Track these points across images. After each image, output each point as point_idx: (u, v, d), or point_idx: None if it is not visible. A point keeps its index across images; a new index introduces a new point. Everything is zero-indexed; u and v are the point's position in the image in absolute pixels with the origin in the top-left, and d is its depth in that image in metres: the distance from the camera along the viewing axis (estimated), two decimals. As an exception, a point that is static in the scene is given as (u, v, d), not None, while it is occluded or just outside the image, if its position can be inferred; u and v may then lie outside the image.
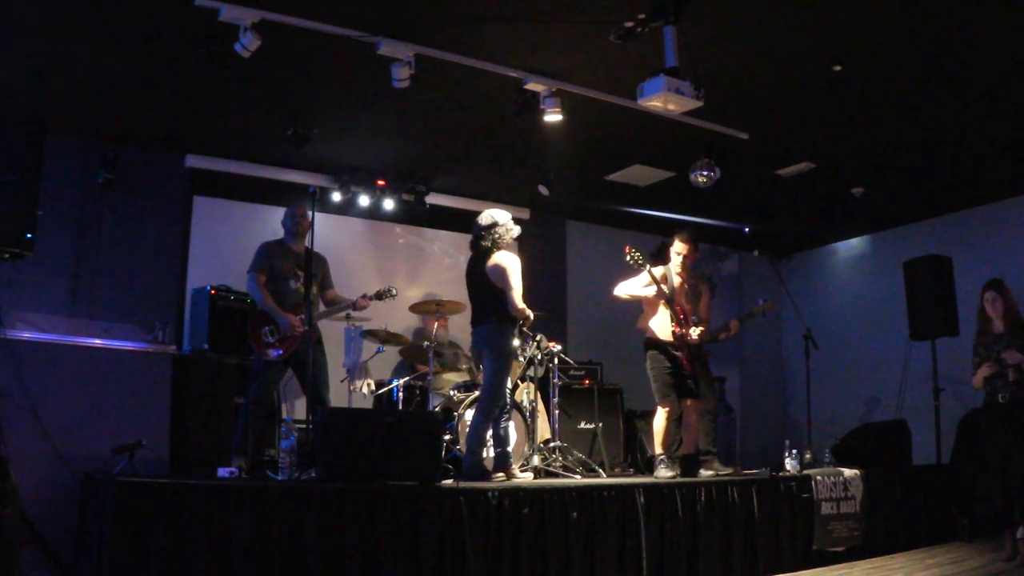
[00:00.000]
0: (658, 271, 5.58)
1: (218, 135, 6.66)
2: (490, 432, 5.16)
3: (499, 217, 5.24)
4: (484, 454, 5.11)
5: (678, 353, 5.53)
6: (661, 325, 5.60)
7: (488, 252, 5.19)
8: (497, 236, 5.19)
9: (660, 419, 5.54)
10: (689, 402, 5.63)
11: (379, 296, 5.69)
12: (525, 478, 5.11)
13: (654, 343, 5.61)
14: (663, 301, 5.52)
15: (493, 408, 5.09)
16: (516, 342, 5.32)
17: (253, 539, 3.60)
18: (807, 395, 7.34)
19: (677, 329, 5.52)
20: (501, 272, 5.11)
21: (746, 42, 5.13)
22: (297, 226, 5.42)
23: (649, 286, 5.56)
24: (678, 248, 5.72)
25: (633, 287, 5.65)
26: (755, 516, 5.18)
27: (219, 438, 5.29)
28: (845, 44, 5.14)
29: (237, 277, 5.85)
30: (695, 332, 5.55)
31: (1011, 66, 5.36)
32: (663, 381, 5.53)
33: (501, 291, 5.09)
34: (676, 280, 5.66)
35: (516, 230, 5.29)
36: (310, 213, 5.07)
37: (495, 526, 4.20)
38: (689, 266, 5.77)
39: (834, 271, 9.77)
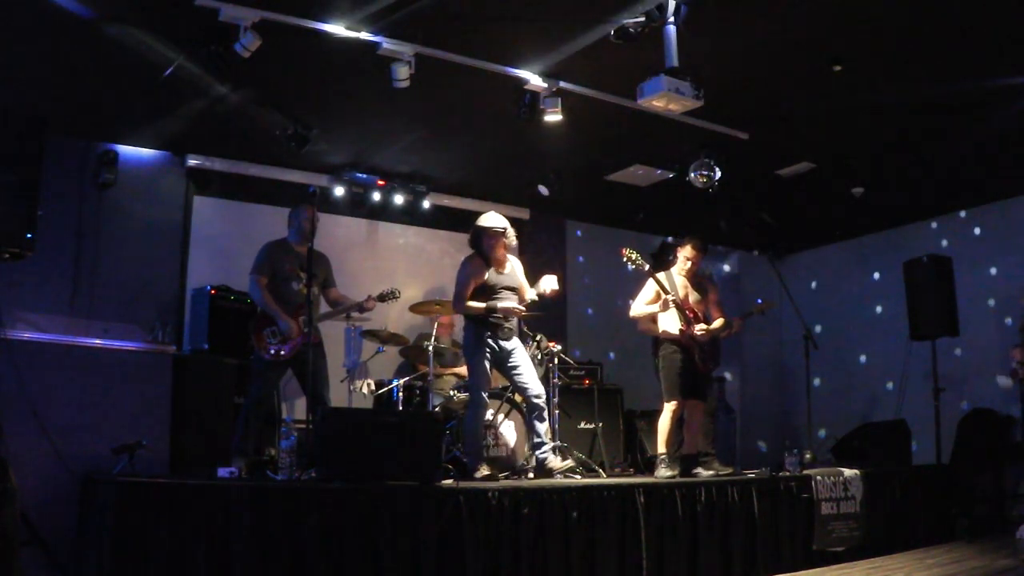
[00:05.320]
0: (660, 275, 5.59)
1: (218, 135, 6.66)
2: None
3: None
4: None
5: (690, 352, 5.55)
6: (671, 323, 5.62)
7: None
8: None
9: (666, 416, 5.56)
10: (694, 403, 5.64)
11: (383, 298, 5.69)
12: (566, 465, 5.16)
13: (668, 340, 5.63)
14: (672, 305, 5.53)
15: (475, 409, 5.18)
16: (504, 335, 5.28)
17: (253, 539, 3.60)
18: (807, 395, 7.34)
19: (685, 328, 5.53)
20: None
21: (746, 42, 5.13)
22: (307, 227, 5.32)
23: (654, 302, 5.60)
24: (688, 254, 5.72)
25: (644, 307, 5.68)
26: (755, 516, 5.18)
27: (219, 438, 5.29)
28: (845, 44, 5.14)
29: (237, 277, 5.85)
30: (698, 329, 5.56)
31: (1011, 65, 5.36)
32: (673, 378, 5.54)
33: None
34: (680, 281, 5.67)
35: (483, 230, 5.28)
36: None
37: (495, 526, 4.20)
38: (695, 270, 5.78)
39: (834, 271, 9.75)
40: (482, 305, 5.16)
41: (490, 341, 5.17)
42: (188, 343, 6.44)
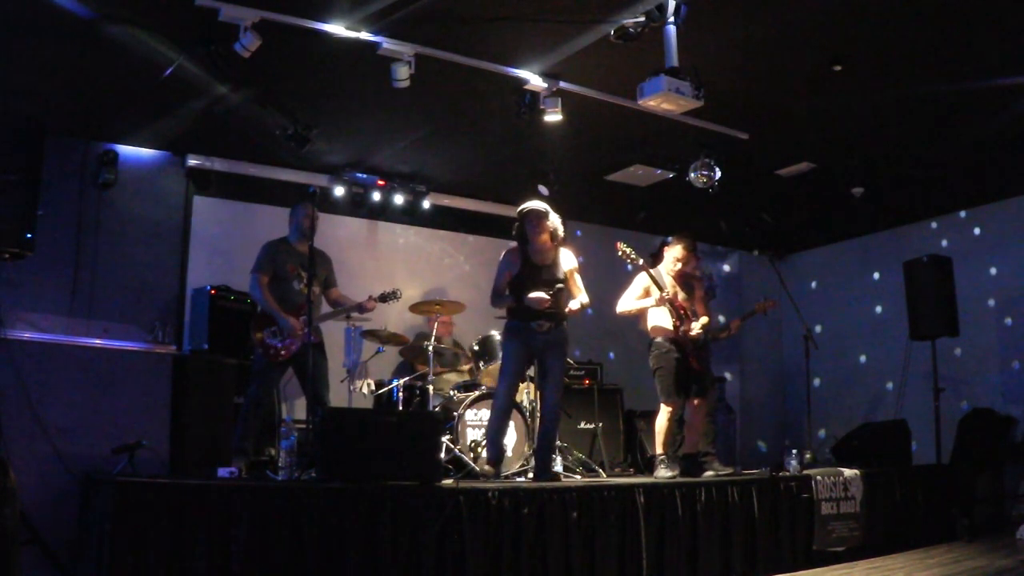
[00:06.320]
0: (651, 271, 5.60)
1: (218, 135, 6.66)
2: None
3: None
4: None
5: (684, 349, 5.54)
6: (664, 321, 5.61)
7: None
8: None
9: (663, 418, 5.55)
10: (696, 401, 5.64)
11: (384, 298, 5.69)
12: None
13: (660, 340, 5.62)
14: (663, 302, 5.53)
15: (494, 401, 5.18)
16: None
17: (253, 539, 3.60)
18: (807, 395, 7.33)
19: (678, 324, 5.53)
20: None
21: (746, 42, 5.13)
22: (307, 224, 5.31)
23: (644, 298, 5.60)
24: (677, 254, 5.72)
25: (633, 302, 5.67)
26: (755, 516, 5.18)
27: (219, 438, 5.29)
28: (845, 44, 5.14)
29: (237, 277, 5.85)
30: (696, 326, 5.55)
31: (1011, 65, 5.36)
32: (668, 379, 5.54)
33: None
34: (668, 280, 5.67)
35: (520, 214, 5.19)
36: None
37: (495, 526, 4.20)
38: (684, 270, 5.78)
39: (834, 271, 9.76)
40: (511, 299, 5.06)
41: (522, 334, 5.05)
42: (188, 343, 6.44)
